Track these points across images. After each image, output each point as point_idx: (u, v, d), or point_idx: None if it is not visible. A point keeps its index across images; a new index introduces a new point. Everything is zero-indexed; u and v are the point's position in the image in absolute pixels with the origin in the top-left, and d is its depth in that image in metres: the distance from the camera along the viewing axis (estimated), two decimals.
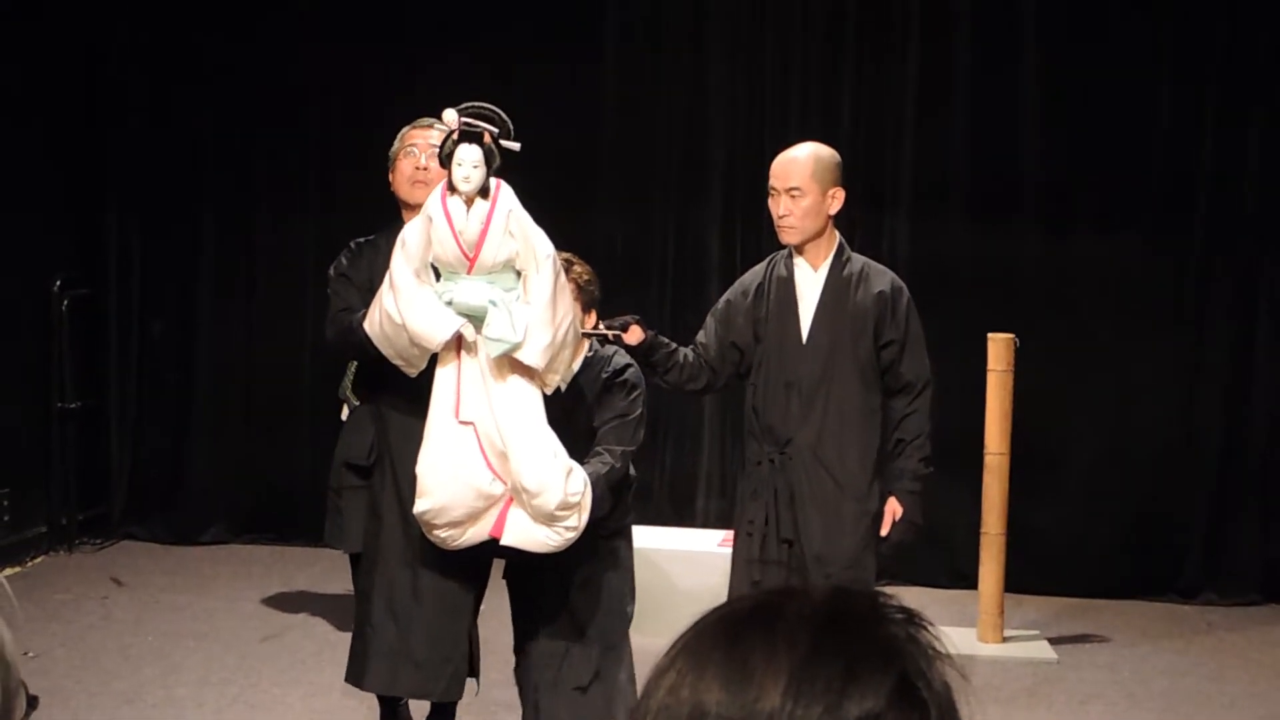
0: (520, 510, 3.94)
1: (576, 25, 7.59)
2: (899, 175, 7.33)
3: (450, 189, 3.90)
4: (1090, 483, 7.18)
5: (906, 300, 4.53)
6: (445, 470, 3.94)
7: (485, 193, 3.89)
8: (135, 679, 5.65)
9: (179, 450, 7.91)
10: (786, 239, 4.49)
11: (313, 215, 7.70)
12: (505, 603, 4.39)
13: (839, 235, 4.56)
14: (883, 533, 4.47)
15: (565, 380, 4.14)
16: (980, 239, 7.23)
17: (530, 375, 3.95)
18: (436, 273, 4.00)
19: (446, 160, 3.90)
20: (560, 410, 4.10)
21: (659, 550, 6.29)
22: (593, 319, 4.32)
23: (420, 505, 3.97)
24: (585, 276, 4.29)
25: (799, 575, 4.38)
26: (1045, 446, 6.97)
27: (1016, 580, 6.59)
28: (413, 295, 3.92)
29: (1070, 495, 7.16)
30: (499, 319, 3.87)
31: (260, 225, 7.87)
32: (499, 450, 3.91)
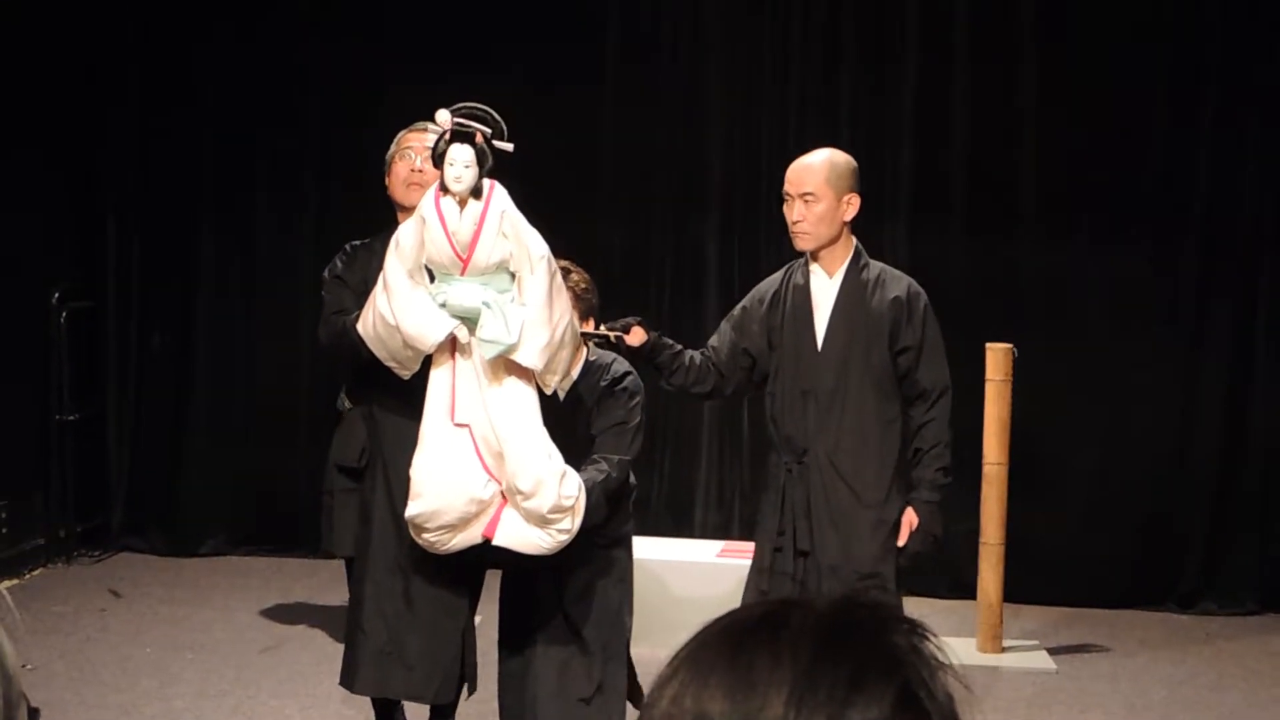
0: (514, 511, 3.93)
1: (578, 36, 7.60)
2: (897, 185, 7.34)
3: (443, 189, 3.90)
4: (1089, 493, 7.18)
5: (924, 306, 4.47)
6: (440, 473, 3.92)
7: (478, 193, 3.87)
8: (133, 691, 5.64)
9: (177, 462, 7.90)
10: (800, 245, 4.45)
11: (311, 226, 7.71)
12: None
13: (855, 241, 4.51)
14: (900, 543, 4.40)
15: (565, 383, 4.13)
16: (978, 249, 7.23)
17: (526, 376, 3.94)
18: (431, 275, 3.99)
19: (439, 160, 3.89)
20: (559, 417, 4.09)
21: (658, 561, 6.28)
22: (590, 327, 4.31)
23: (413, 508, 3.95)
24: (583, 285, 4.28)
25: (813, 586, 4.31)
26: (1044, 456, 6.97)
27: (1015, 590, 6.59)
28: (407, 296, 3.91)
29: (1069, 505, 7.16)
30: (493, 321, 3.85)
31: (259, 236, 7.88)
32: (495, 451, 3.90)
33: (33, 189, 7.43)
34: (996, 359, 6.20)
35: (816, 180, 4.39)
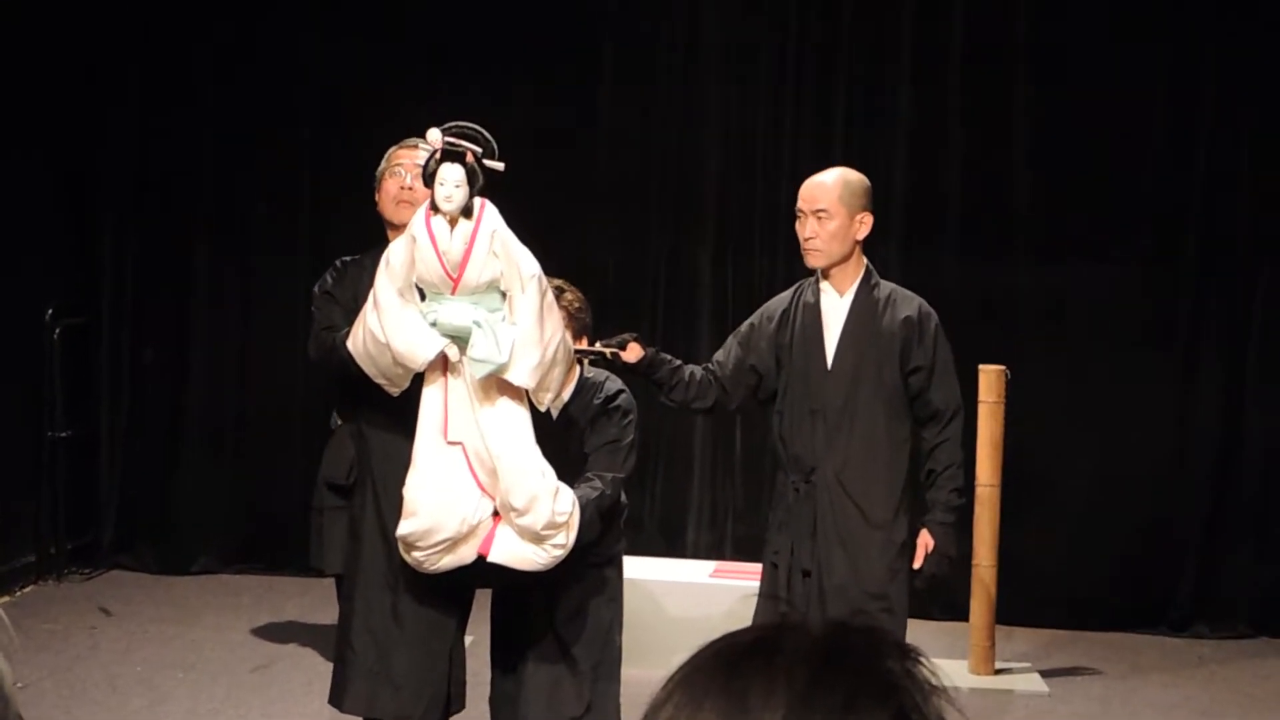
0: (508, 528, 3.93)
1: (572, 55, 7.62)
2: (890, 206, 7.33)
3: (434, 208, 3.90)
4: (1081, 515, 7.17)
5: (935, 326, 4.44)
6: (434, 491, 3.92)
7: (469, 212, 3.87)
8: (123, 710, 5.62)
9: (169, 480, 7.88)
10: (811, 262, 4.43)
11: (306, 246, 7.70)
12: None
13: (866, 261, 4.50)
14: (915, 565, 4.38)
15: (559, 401, 4.13)
16: (971, 270, 7.24)
17: (519, 394, 3.94)
18: (422, 293, 3.99)
19: (429, 180, 3.89)
20: (552, 436, 4.09)
21: (650, 581, 6.28)
22: (585, 345, 4.31)
23: (406, 526, 3.95)
24: (576, 304, 4.28)
25: (818, 607, 4.28)
26: (1036, 478, 6.97)
27: (1007, 612, 6.59)
28: (397, 314, 3.91)
29: (1061, 527, 7.16)
30: (483, 340, 3.85)
31: (253, 255, 7.87)
32: (489, 468, 3.90)
33: (27, 204, 7.43)
34: (989, 381, 6.21)
35: (830, 197, 4.38)
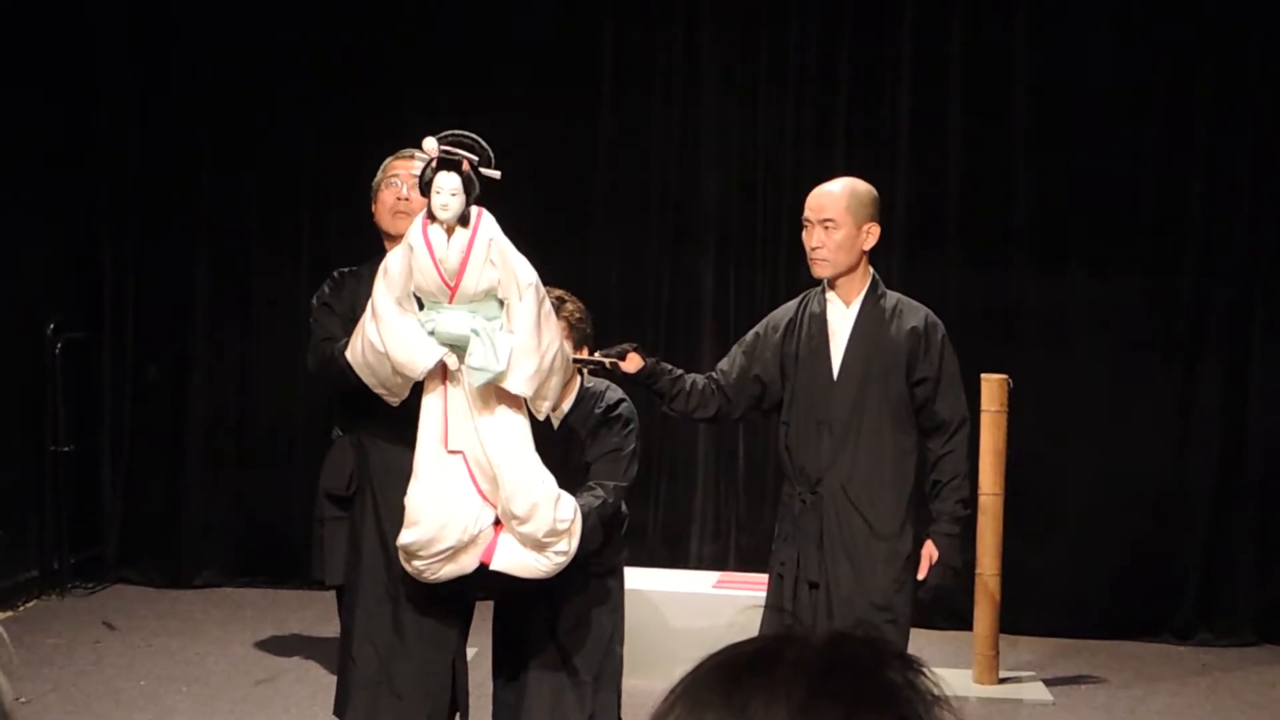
0: (509, 536, 3.93)
1: (572, 67, 7.63)
2: (891, 216, 7.32)
3: (430, 217, 3.91)
4: (1085, 523, 7.17)
5: (941, 337, 4.41)
6: (436, 500, 3.92)
7: (466, 221, 3.88)
8: None
9: (172, 494, 7.89)
10: (818, 272, 4.41)
11: (307, 258, 7.71)
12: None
13: (873, 271, 4.47)
14: (920, 576, 4.36)
15: (560, 412, 4.13)
16: (973, 280, 7.24)
17: (518, 402, 3.94)
18: (420, 303, 3.99)
19: (426, 188, 3.90)
20: (553, 446, 4.09)
21: (653, 592, 6.27)
22: (584, 356, 4.31)
23: (408, 535, 3.95)
24: (577, 314, 4.28)
25: (824, 619, 4.26)
26: (1039, 487, 6.96)
27: (1011, 621, 6.59)
28: (395, 324, 3.91)
29: (1065, 536, 7.15)
30: (481, 348, 3.86)
31: (254, 268, 7.88)
32: (489, 476, 3.91)
33: (28, 220, 7.44)
34: (992, 390, 6.21)
35: (837, 207, 4.36)
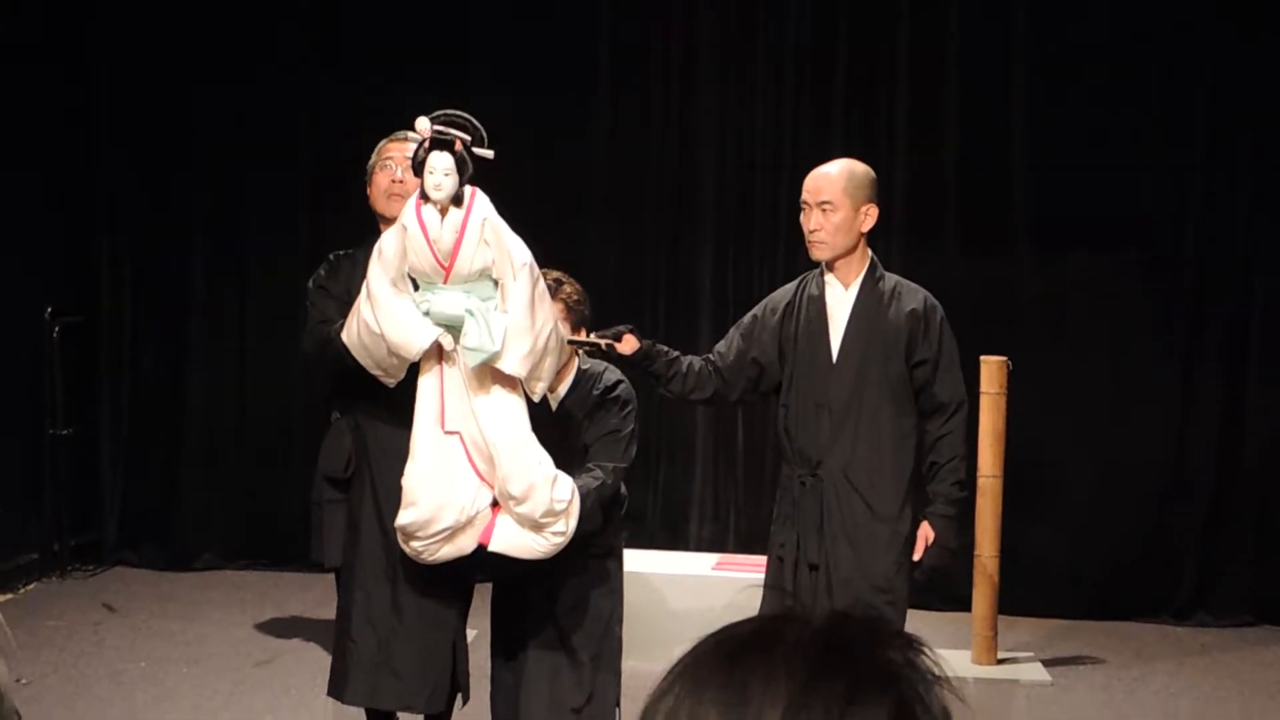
0: (507, 517, 3.93)
1: (571, 58, 7.62)
2: (891, 202, 7.31)
3: (424, 198, 3.90)
4: (1083, 505, 7.18)
5: (940, 319, 4.40)
6: (433, 480, 3.92)
7: (459, 201, 3.87)
8: (127, 705, 5.63)
9: (172, 476, 7.90)
10: (816, 254, 4.39)
11: (304, 242, 7.71)
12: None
13: (872, 253, 4.45)
14: (915, 557, 4.35)
15: (555, 391, 4.13)
16: (972, 265, 7.24)
17: (513, 383, 3.94)
18: (415, 284, 3.99)
19: (419, 169, 3.89)
20: (552, 428, 4.09)
21: (652, 574, 6.29)
22: (580, 337, 4.30)
23: (406, 516, 3.95)
24: (575, 296, 4.27)
25: (824, 600, 4.26)
26: (1038, 469, 6.97)
27: (1010, 602, 6.60)
28: (390, 305, 3.91)
29: (1063, 517, 7.16)
30: (476, 329, 3.85)
31: (252, 249, 7.88)
32: (486, 456, 3.91)
33: (26, 205, 7.43)
34: (991, 372, 6.21)
35: (835, 189, 4.33)
